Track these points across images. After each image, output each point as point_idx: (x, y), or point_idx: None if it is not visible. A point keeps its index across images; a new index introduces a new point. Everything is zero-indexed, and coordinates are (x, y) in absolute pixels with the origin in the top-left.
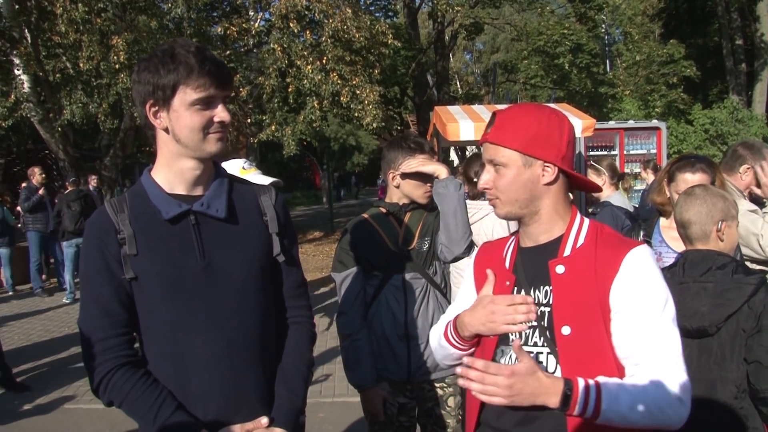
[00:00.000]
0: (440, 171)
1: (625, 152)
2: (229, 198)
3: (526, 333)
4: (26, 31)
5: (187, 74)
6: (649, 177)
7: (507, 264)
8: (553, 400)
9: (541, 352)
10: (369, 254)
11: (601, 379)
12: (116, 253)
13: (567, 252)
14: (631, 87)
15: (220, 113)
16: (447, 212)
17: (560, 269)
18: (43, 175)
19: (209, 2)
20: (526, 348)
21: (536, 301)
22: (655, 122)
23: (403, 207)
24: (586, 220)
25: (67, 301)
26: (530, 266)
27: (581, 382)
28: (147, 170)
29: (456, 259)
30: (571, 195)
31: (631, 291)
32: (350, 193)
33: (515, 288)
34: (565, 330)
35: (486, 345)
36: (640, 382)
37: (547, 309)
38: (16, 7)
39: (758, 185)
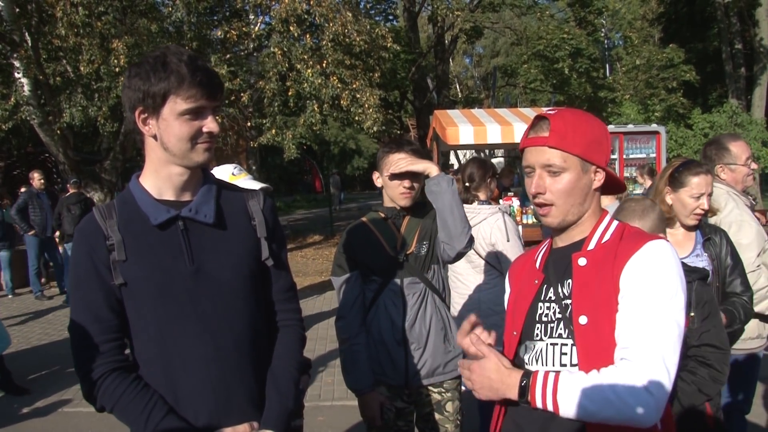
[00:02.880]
0: (431, 168)
1: (624, 156)
2: (218, 203)
3: (551, 325)
4: (26, 34)
5: (178, 84)
6: (647, 182)
7: (538, 264)
8: (513, 393)
9: (566, 344)
10: (367, 259)
11: (565, 371)
12: (105, 259)
13: (591, 246)
14: (631, 91)
15: (209, 124)
16: (443, 209)
17: (582, 261)
18: (42, 180)
19: (209, 6)
20: (550, 341)
21: (561, 296)
22: (654, 126)
23: (400, 211)
24: (615, 221)
25: (67, 305)
26: (559, 263)
27: (540, 374)
28: (135, 176)
29: (459, 255)
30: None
31: (639, 277)
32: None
33: (543, 285)
34: (582, 320)
35: (510, 341)
36: (609, 373)
37: (571, 301)
38: (17, 10)
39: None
